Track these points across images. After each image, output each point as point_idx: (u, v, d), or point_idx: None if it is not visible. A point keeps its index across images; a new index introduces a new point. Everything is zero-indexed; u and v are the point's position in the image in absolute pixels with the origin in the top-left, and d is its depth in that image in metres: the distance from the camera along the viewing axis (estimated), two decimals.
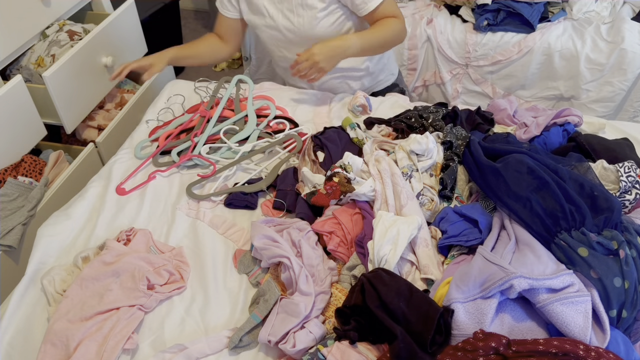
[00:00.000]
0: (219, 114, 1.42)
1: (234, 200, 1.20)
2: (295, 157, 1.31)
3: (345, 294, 0.95)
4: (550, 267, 0.83)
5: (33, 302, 1.01)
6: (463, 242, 0.98)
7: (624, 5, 2.14)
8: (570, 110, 1.28)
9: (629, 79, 1.96)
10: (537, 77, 2.10)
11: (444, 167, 1.14)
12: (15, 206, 1.45)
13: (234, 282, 1.05)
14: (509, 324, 0.82)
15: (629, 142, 1.22)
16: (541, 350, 0.72)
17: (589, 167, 1.05)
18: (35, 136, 1.60)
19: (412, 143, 1.14)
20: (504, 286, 0.80)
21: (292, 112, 1.50)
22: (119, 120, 1.85)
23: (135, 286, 0.97)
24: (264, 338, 0.89)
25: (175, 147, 1.35)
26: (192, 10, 3.68)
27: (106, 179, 1.29)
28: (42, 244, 1.11)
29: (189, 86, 1.62)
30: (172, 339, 0.95)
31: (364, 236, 1.00)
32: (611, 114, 2.06)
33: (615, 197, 0.99)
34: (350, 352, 0.83)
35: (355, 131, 1.30)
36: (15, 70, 1.71)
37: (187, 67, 3.13)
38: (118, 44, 1.88)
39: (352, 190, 1.05)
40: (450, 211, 1.04)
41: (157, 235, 1.15)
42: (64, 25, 1.76)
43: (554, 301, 0.78)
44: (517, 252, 0.89)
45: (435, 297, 0.87)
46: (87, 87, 1.75)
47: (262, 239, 1.02)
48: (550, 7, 2.11)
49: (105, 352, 0.88)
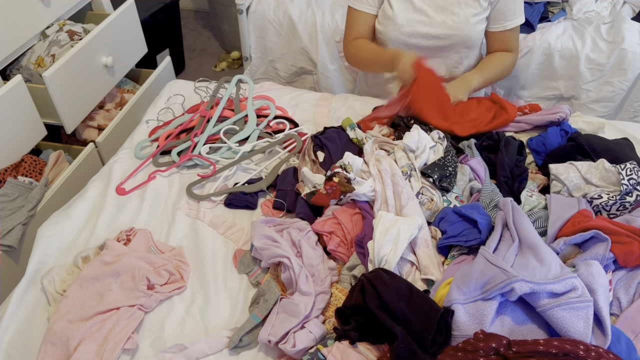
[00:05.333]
0: (219, 114, 1.42)
1: (234, 200, 1.20)
2: (295, 157, 1.31)
3: (345, 294, 0.95)
4: (553, 271, 0.83)
5: (33, 302, 1.01)
6: (462, 242, 0.98)
7: (624, 5, 2.14)
8: (558, 107, 1.32)
9: (629, 79, 1.96)
10: (537, 77, 2.09)
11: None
12: (15, 206, 1.45)
13: (234, 282, 1.05)
14: (509, 325, 0.82)
15: (629, 142, 1.22)
16: (541, 350, 0.72)
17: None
18: (35, 136, 1.60)
19: (405, 138, 1.16)
20: (505, 289, 0.80)
21: (292, 112, 1.50)
22: (119, 120, 1.85)
23: (135, 286, 0.97)
24: (264, 338, 0.89)
25: (175, 147, 1.35)
26: (192, 10, 3.68)
27: (106, 179, 1.29)
28: (42, 244, 1.11)
29: (189, 86, 1.62)
30: (172, 339, 0.95)
31: (364, 236, 1.00)
32: (611, 114, 2.06)
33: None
34: (350, 352, 0.83)
35: (355, 131, 1.30)
36: (15, 70, 1.71)
37: (187, 66, 3.13)
38: (118, 44, 1.88)
39: (352, 190, 1.05)
40: (450, 211, 1.04)
41: (157, 235, 1.15)
42: (64, 25, 1.76)
43: (554, 306, 0.78)
44: (519, 255, 0.88)
45: (436, 298, 0.87)
46: (87, 87, 1.75)
47: (262, 239, 1.02)
48: (550, 7, 2.11)
49: (105, 352, 0.88)
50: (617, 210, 1.03)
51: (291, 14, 2.17)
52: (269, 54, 2.32)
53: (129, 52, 1.97)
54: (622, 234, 0.92)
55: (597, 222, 0.94)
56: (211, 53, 3.27)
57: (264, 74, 2.41)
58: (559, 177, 1.10)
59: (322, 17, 2.16)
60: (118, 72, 1.92)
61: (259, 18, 2.22)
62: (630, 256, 0.90)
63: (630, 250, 0.90)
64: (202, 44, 3.35)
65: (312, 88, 2.35)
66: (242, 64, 2.78)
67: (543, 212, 1.04)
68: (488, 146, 1.24)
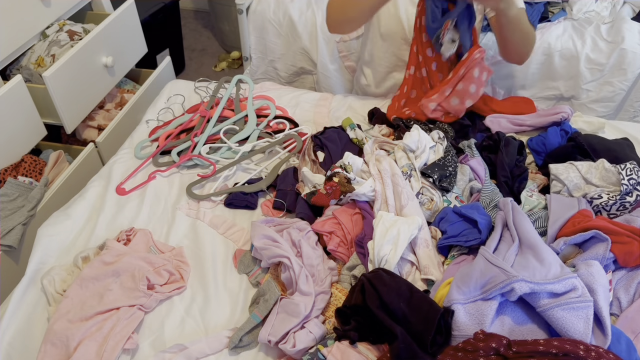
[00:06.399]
0: (219, 114, 1.42)
1: (234, 200, 1.20)
2: (295, 157, 1.31)
3: (345, 294, 0.95)
4: (553, 271, 0.83)
5: (33, 302, 1.01)
6: (462, 242, 0.98)
7: (624, 5, 2.14)
8: (559, 107, 1.32)
9: (629, 79, 1.96)
10: (537, 77, 2.09)
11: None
12: (15, 206, 1.45)
13: (234, 282, 1.05)
14: (509, 325, 0.82)
15: (629, 142, 1.22)
16: (541, 350, 0.72)
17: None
18: (35, 136, 1.60)
19: (405, 138, 1.16)
20: (505, 289, 0.80)
21: (292, 112, 1.50)
22: (119, 120, 1.85)
23: (135, 286, 0.97)
24: (264, 338, 0.89)
25: (175, 147, 1.35)
26: (192, 10, 3.68)
27: (106, 179, 1.29)
28: (42, 244, 1.11)
29: (189, 86, 1.62)
30: (172, 339, 0.95)
31: (364, 236, 1.00)
32: (611, 114, 2.06)
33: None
34: (350, 352, 0.83)
35: (355, 131, 1.30)
36: (15, 70, 1.71)
37: (187, 66, 3.14)
38: (118, 44, 1.88)
39: (352, 190, 1.05)
40: (450, 211, 1.04)
41: (157, 235, 1.15)
42: (64, 25, 1.76)
43: (554, 306, 0.78)
44: (519, 255, 0.88)
45: (436, 298, 0.87)
46: (87, 87, 1.75)
47: (262, 239, 1.02)
48: (550, 7, 2.11)
49: (105, 352, 0.88)
50: (617, 210, 1.03)
51: (291, 14, 2.18)
52: (269, 54, 2.32)
53: (129, 52, 1.97)
54: (622, 234, 0.92)
55: (597, 222, 0.95)
56: (211, 53, 3.27)
57: (264, 74, 2.41)
58: (559, 177, 1.10)
59: (322, 17, 2.16)
60: (118, 72, 1.92)
61: (259, 18, 2.22)
62: (630, 256, 0.90)
63: (630, 250, 0.90)
64: (202, 44, 3.35)
65: (312, 88, 2.35)
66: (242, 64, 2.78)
67: (543, 212, 1.04)
68: (488, 146, 1.24)
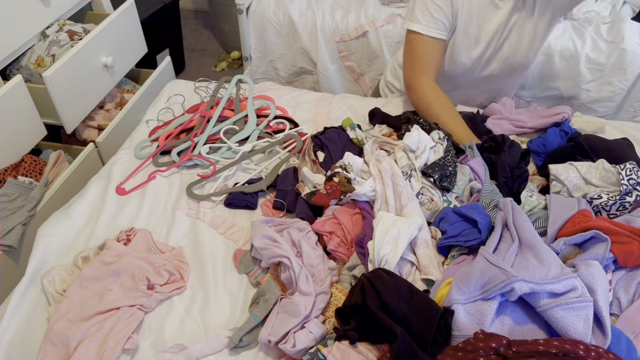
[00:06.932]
0: (219, 114, 1.42)
1: (234, 200, 1.20)
2: (295, 157, 1.31)
3: (345, 294, 0.95)
4: (553, 271, 0.83)
5: (33, 302, 1.01)
6: (462, 242, 0.98)
7: (624, 5, 2.14)
8: (560, 108, 1.32)
9: (629, 79, 1.96)
10: (537, 77, 2.09)
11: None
12: (15, 206, 1.45)
13: (234, 282, 1.05)
14: (509, 325, 0.82)
15: (629, 142, 1.22)
16: (541, 350, 0.72)
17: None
18: (35, 136, 1.60)
19: (405, 138, 1.16)
20: (505, 289, 0.80)
21: (292, 112, 1.50)
22: (119, 120, 1.85)
23: (135, 286, 0.97)
24: (264, 338, 0.89)
25: (175, 147, 1.35)
26: (192, 10, 3.68)
27: (106, 179, 1.29)
28: (42, 244, 1.11)
29: (189, 86, 1.62)
30: (172, 339, 0.95)
31: (364, 236, 1.00)
32: (611, 114, 2.06)
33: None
34: (350, 352, 0.83)
35: (355, 132, 1.30)
36: (15, 70, 1.71)
37: (187, 66, 3.14)
38: (118, 44, 1.88)
39: (352, 190, 1.05)
40: (450, 211, 1.04)
41: (157, 235, 1.15)
42: (64, 25, 1.76)
43: (554, 306, 0.78)
44: (519, 255, 0.88)
45: (436, 298, 0.87)
46: (87, 87, 1.75)
47: (262, 239, 1.02)
48: None
49: (105, 352, 0.88)
50: (617, 211, 1.03)
51: (291, 14, 2.18)
52: (269, 54, 2.32)
53: (129, 52, 1.97)
54: (622, 234, 0.92)
55: (597, 222, 0.94)
56: (211, 53, 3.27)
57: (264, 74, 2.41)
58: (558, 177, 1.10)
59: (322, 17, 2.16)
60: (118, 72, 1.92)
61: (259, 18, 2.22)
62: (630, 256, 0.90)
63: (630, 250, 0.90)
64: (202, 44, 3.35)
65: (312, 88, 2.36)
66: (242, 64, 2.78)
67: (543, 212, 1.04)
68: (489, 147, 1.24)
